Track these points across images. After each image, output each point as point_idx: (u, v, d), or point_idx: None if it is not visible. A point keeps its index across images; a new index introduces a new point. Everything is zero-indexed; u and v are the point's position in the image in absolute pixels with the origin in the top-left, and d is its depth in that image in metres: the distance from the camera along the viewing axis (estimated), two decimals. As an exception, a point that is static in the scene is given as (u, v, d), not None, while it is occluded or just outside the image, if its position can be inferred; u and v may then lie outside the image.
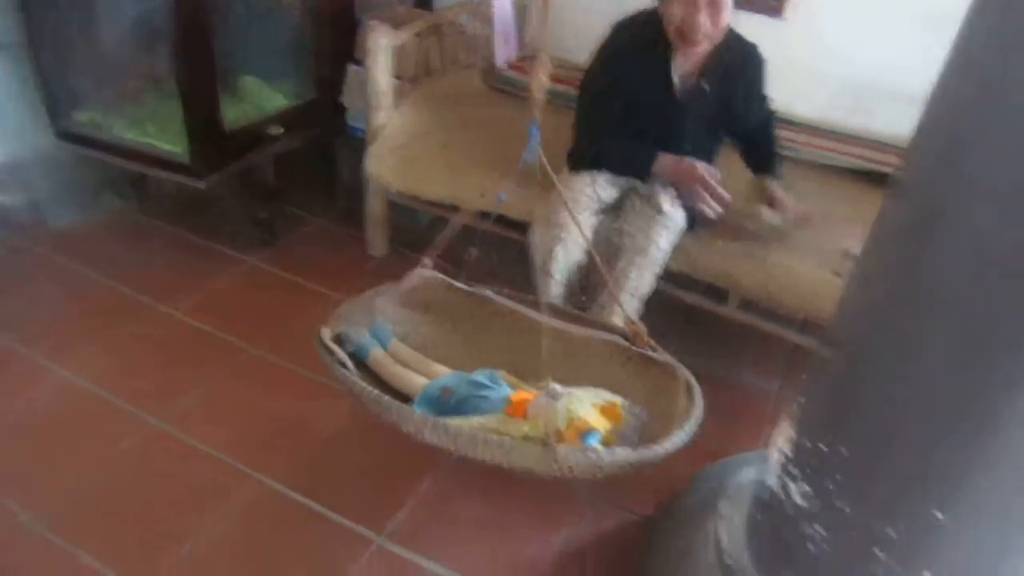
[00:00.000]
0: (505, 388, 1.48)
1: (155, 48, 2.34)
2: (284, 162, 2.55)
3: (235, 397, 1.92)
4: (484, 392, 1.44)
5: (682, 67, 1.83)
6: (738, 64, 1.84)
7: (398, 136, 2.26)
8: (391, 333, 1.72)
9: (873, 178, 2.29)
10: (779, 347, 2.18)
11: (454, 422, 1.33)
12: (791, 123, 2.56)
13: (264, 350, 2.07)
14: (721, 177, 1.81)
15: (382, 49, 2.15)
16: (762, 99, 1.96)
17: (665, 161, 1.83)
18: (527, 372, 1.56)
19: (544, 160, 1.38)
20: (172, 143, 2.30)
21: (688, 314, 2.20)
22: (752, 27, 2.51)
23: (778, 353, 2.22)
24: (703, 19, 1.68)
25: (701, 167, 1.78)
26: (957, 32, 0.88)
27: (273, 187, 2.50)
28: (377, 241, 2.48)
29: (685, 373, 1.45)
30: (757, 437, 1.92)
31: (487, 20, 2.67)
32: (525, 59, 2.94)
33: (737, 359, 2.19)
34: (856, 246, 1.81)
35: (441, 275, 1.77)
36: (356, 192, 2.52)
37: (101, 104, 2.44)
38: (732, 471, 1.51)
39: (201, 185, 2.27)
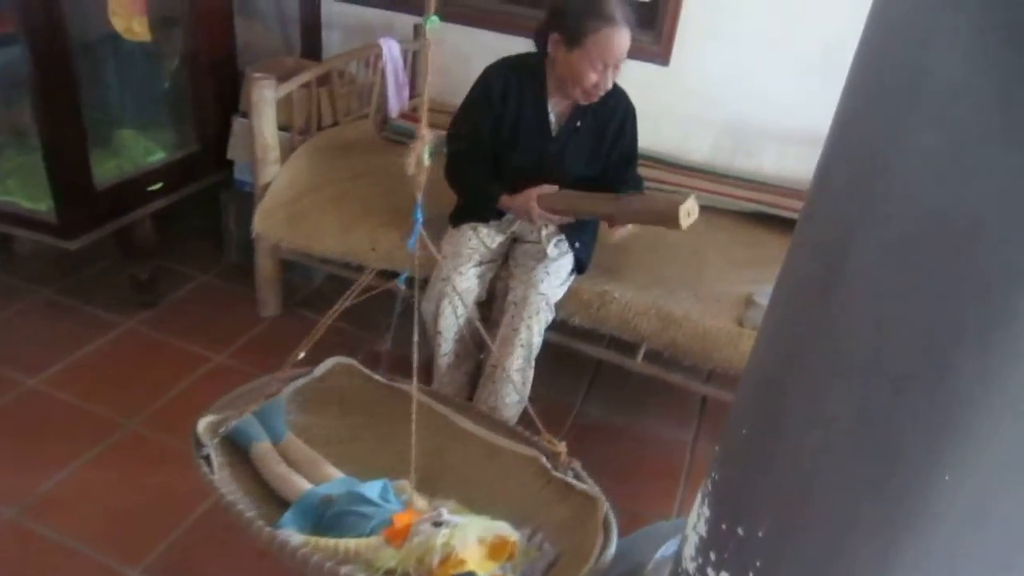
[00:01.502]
0: (394, 505, 1.31)
1: (17, 99, 2.17)
2: (166, 218, 2.41)
3: (105, 480, 1.75)
4: (365, 509, 1.28)
5: (558, 106, 1.86)
6: (610, 104, 1.87)
7: (287, 191, 2.17)
8: (286, 425, 1.55)
9: (761, 219, 2.38)
10: (690, 398, 2.20)
11: (309, 543, 1.18)
12: (679, 167, 2.65)
13: (140, 424, 1.91)
14: (581, 229, 1.85)
15: (266, 102, 2.07)
16: (632, 158, 1.98)
17: (506, 203, 1.85)
18: (439, 483, 1.45)
19: (428, 241, 1.29)
20: (36, 201, 2.12)
21: (599, 367, 2.20)
22: (639, 75, 2.62)
23: (689, 403, 2.23)
24: (609, 81, 1.73)
25: (533, 206, 1.78)
26: (850, 71, 0.83)
27: (153, 245, 2.35)
28: (269, 301, 2.37)
29: (605, 507, 1.32)
30: (673, 492, 1.91)
31: (377, 69, 2.64)
32: (418, 108, 2.92)
33: (648, 411, 2.19)
34: (757, 292, 1.88)
35: (358, 365, 1.64)
36: (245, 248, 2.40)
37: (-43, 160, 2.25)
38: (647, 546, 1.46)
39: (71, 246, 2.10)
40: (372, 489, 1.32)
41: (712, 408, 2.18)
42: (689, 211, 1.68)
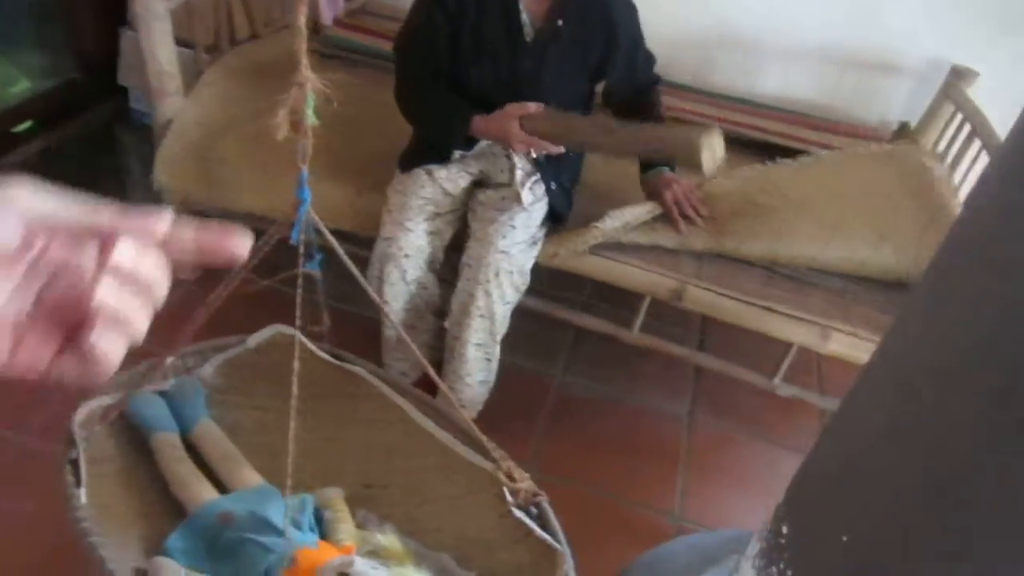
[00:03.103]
0: (304, 537, 1.06)
1: None
2: (49, 162, 1.95)
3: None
4: (267, 539, 1.02)
5: (532, 6, 1.47)
6: (595, 1, 1.49)
7: (194, 129, 1.74)
8: (204, 407, 1.26)
9: (761, 149, 2.04)
10: (683, 364, 1.92)
11: None
12: (667, 84, 2.27)
13: (26, 434, 1.55)
14: (567, 171, 1.48)
15: (156, 16, 1.60)
16: (640, 55, 1.61)
17: (479, 126, 1.46)
18: (382, 494, 1.18)
19: (323, 228, 0.96)
20: None
21: (578, 334, 1.89)
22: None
23: (682, 369, 1.94)
24: None
25: (513, 126, 1.40)
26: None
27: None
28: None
29: (567, 566, 1.05)
30: (671, 478, 1.66)
31: (306, -32, 2.15)
32: (358, 13, 2.45)
33: (638, 380, 1.90)
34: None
35: (302, 337, 1.31)
36: (153, 193, 1.97)
37: None
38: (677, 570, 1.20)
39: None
40: (280, 513, 1.05)
41: (707, 377, 1.91)
42: (714, 147, 1.35)
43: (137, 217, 0.37)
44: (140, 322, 0.37)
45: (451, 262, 1.57)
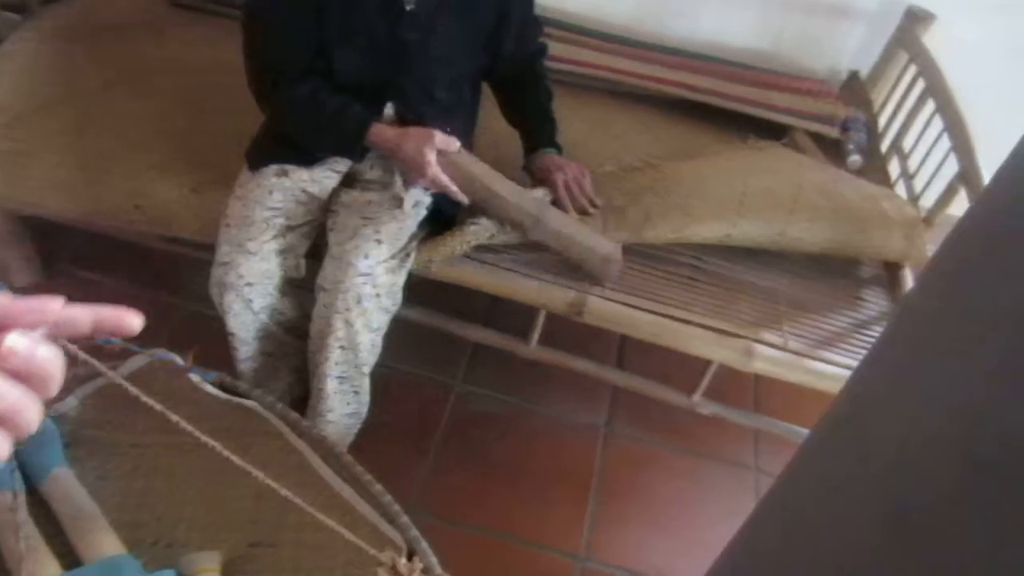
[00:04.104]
0: None
1: None
2: None
3: None
4: None
5: None
6: None
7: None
8: (59, 453, 1.02)
9: (694, 107, 1.78)
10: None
11: None
12: (592, 34, 1.97)
13: None
14: (468, 143, 1.20)
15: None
16: (530, 21, 1.34)
17: (381, 135, 1.17)
18: (266, 553, 0.97)
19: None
20: None
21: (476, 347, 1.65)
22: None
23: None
24: None
25: (432, 154, 1.14)
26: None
27: None
28: (17, 265, 1.66)
29: None
30: (582, 501, 1.46)
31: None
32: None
33: (546, 388, 1.66)
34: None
35: (184, 364, 1.08)
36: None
37: None
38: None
39: None
40: None
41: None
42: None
43: (27, 301, 0.38)
44: (30, 418, 0.36)
45: (313, 270, 1.30)
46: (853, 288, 1.42)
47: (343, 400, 1.28)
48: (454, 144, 1.16)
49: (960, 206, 1.35)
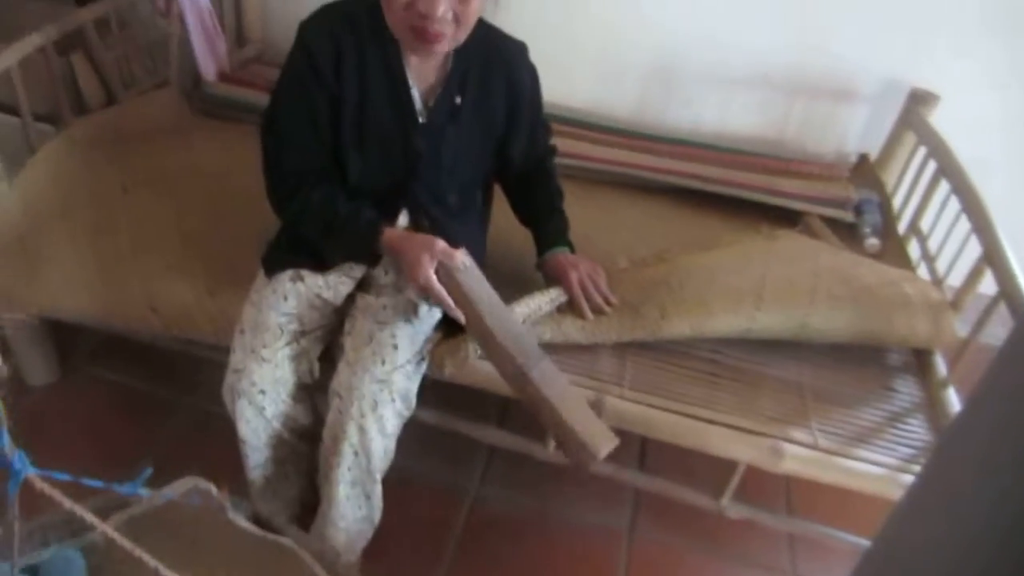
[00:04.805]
0: None
1: None
2: None
3: None
4: None
5: (422, 76, 1.19)
6: (498, 65, 1.22)
7: (19, 222, 1.45)
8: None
9: (703, 197, 1.79)
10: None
11: None
12: (595, 127, 2.01)
13: None
14: (471, 256, 1.17)
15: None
16: (539, 125, 1.36)
17: (391, 240, 1.16)
18: None
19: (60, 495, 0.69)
20: None
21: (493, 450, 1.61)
22: (534, 10, 1.95)
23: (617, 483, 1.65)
24: (442, 7, 1.03)
25: (428, 271, 1.11)
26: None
27: None
28: (34, 365, 1.67)
29: None
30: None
31: (174, 14, 1.87)
32: (251, 63, 2.17)
33: (565, 491, 1.60)
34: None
35: (219, 494, 1.03)
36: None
37: None
38: None
39: None
40: None
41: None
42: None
43: None
44: None
45: (327, 373, 1.28)
46: (882, 377, 1.37)
47: (355, 506, 1.24)
48: (457, 259, 1.13)
49: (987, 286, 1.33)
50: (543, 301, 1.26)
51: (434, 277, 1.11)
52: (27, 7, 1.93)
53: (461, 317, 1.13)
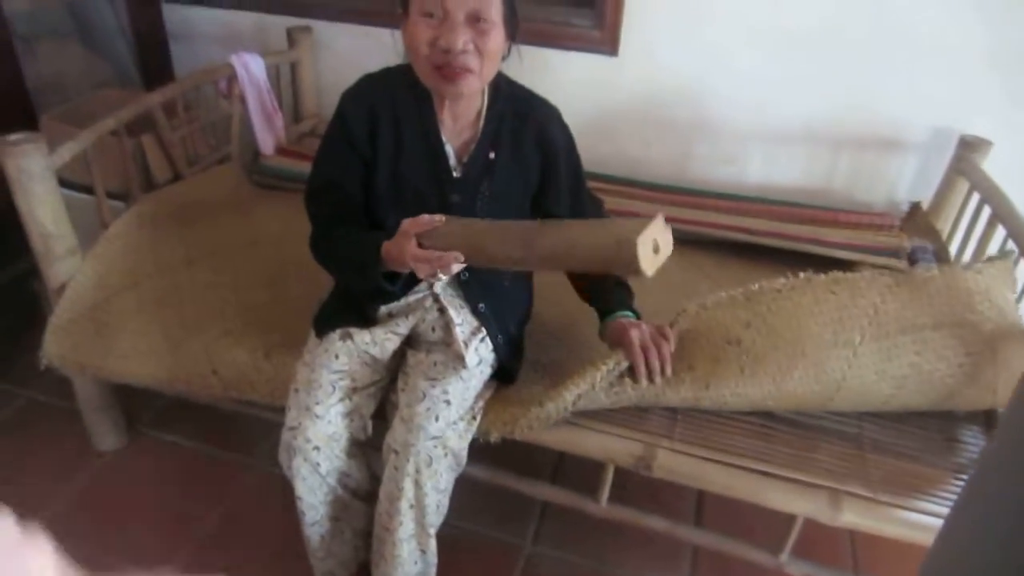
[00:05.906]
0: None
1: None
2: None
3: None
4: None
5: (456, 132, 1.23)
6: (530, 121, 1.25)
7: (93, 293, 1.54)
8: None
9: (753, 250, 1.78)
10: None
11: None
12: (638, 185, 2.04)
13: None
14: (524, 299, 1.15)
15: (33, 177, 1.42)
16: (584, 194, 1.36)
17: (385, 252, 1.14)
18: None
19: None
20: None
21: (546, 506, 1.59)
22: (580, 71, 2.02)
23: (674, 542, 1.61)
24: (462, 38, 1.07)
25: (409, 243, 1.08)
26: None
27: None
28: (103, 431, 1.74)
29: None
30: None
31: (234, 96, 2.00)
32: (306, 137, 2.29)
33: (621, 548, 1.57)
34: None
35: None
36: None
37: None
38: None
39: None
40: None
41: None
42: (656, 243, 1.00)
43: None
44: None
45: (380, 430, 1.30)
46: (947, 429, 1.32)
47: (411, 560, 1.24)
48: (424, 219, 1.09)
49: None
50: (604, 371, 1.21)
51: (419, 250, 1.07)
52: (101, 93, 2.09)
53: (458, 266, 1.07)
